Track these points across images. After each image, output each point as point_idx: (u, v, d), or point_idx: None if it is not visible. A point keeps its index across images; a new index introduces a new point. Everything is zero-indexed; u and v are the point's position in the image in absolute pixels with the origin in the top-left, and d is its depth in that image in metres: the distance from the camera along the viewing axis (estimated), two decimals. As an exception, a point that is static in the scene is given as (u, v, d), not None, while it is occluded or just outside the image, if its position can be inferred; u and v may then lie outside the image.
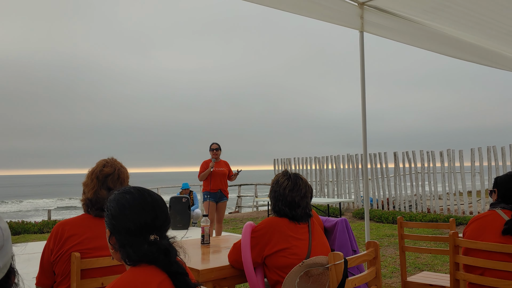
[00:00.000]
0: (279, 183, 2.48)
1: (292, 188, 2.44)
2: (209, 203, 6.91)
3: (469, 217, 10.04)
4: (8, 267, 0.94)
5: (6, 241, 0.92)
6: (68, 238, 2.10)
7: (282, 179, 2.49)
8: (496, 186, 2.75)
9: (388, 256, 6.65)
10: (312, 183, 14.21)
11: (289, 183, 2.46)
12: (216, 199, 6.96)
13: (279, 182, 2.49)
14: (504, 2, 3.85)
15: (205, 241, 3.20)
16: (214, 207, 6.96)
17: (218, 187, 6.95)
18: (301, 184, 2.48)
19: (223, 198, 7.04)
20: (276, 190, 2.47)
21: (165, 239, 1.38)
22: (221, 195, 7.00)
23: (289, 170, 2.59)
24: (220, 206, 7.02)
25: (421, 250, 3.51)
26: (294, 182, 2.46)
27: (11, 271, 0.96)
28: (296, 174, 2.52)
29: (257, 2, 3.38)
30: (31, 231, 9.90)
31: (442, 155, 11.31)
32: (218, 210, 7.00)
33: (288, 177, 2.49)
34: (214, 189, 6.93)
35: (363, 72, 4.46)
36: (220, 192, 6.98)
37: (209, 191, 6.94)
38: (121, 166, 2.28)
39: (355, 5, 4.15)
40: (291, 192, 2.43)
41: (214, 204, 6.96)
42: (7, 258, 0.92)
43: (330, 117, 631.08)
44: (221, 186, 6.98)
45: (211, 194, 6.94)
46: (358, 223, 10.33)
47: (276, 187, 2.48)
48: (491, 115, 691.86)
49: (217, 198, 6.97)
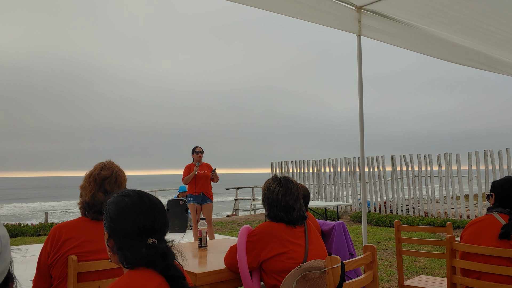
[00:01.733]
0: (271, 189, 2.48)
1: (284, 192, 2.44)
2: (193, 206, 7.00)
3: (466, 220, 10.05)
4: (6, 273, 0.94)
5: (4, 247, 0.92)
6: (65, 241, 2.09)
7: (273, 185, 2.48)
8: (493, 191, 2.76)
9: (385, 259, 6.65)
10: (310, 187, 14.22)
11: (280, 188, 2.45)
12: (199, 201, 7.01)
13: (271, 188, 2.48)
14: (499, 8, 3.88)
15: (203, 244, 3.20)
16: (198, 209, 7.03)
17: (200, 189, 7.02)
18: (293, 187, 2.48)
19: (206, 200, 7.07)
20: (269, 197, 2.47)
21: (163, 243, 1.38)
22: (204, 197, 7.04)
23: (278, 175, 2.59)
24: (205, 208, 7.05)
25: (418, 254, 3.51)
26: (285, 186, 2.46)
27: (9, 277, 0.96)
28: (286, 178, 2.52)
29: (257, 6, 3.39)
30: (28, 233, 9.86)
31: (440, 158, 11.33)
32: (204, 211, 7.04)
33: (279, 182, 2.49)
34: (196, 192, 7.01)
35: (361, 76, 4.47)
36: (202, 194, 7.02)
37: (192, 193, 7.02)
38: (119, 169, 2.28)
39: (352, 9, 4.17)
40: (284, 196, 2.42)
41: (198, 206, 7.02)
42: (5, 264, 0.92)
43: (328, 120, 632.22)
44: (204, 189, 7.03)
45: (193, 196, 7.02)
46: (355, 227, 10.33)
47: (268, 193, 2.48)
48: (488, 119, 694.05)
49: (200, 200, 7.01)
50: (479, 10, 3.93)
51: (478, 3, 3.81)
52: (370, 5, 4.10)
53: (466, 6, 3.87)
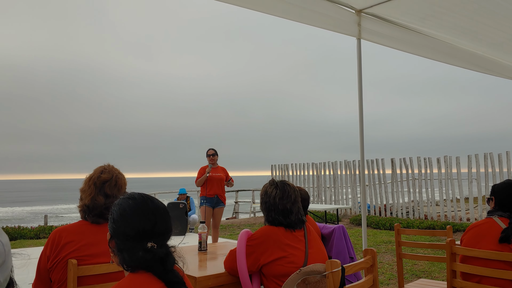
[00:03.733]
0: (268, 193, 2.47)
1: (281, 196, 2.43)
2: (205, 208, 6.90)
3: (466, 223, 10.04)
4: (8, 280, 0.94)
5: (7, 256, 0.93)
6: (65, 245, 2.09)
7: (270, 189, 2.48)
8: (493, 194, 2.76)
9: (386, 262, 6.64)
10: (310, 189, 14.21)
11: (278, 192, 2.45)
12: (212, 205, 6.95)
13: (268, 192, 2.47)
14: (499, 10, 3.88)
15: (203, 248, 3.20)
16: (210, 212, 6.94)
17: (215, 192, 6.95)
18: (290, 191, 2.47)
19: (219, 204, 7.02)
20: (266, 201, 2.46)
21: (164, 248, 1.37)
22: (218, 200, 6.98)
23: (275, 178, 2.58)
24: (216, 212, 7.00)
25: (418, 257, 3.51)
26: (282, 190, 2.45)
27: (10, 283, 0.96)
28: (283, 181, 2.52)
29: (259, 10, 3.39)
30: (28, 236, 9.85)
31: (440, 161, 11.33)
32: (214, 215, 6.99)
33: (276, 186, 2.48)
34: (210, 194, 6.93)
35: (360, 78, 4.48)
36: (217, 197, 6.96)
37: (206, 196, 6.94)
38: (119, 173, 2.29)
39: (352, 12, 4.18)
40: (281, 200, 2.42)
41: (210, 209, 6.94)
42: (7, 272, 0.93)
43: (328, 123, 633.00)
44: (218, 192, 6.97)
45: (207, 199, 6.93)
46: (355, 230, 10.32)
47: (266, 198, 2.47)
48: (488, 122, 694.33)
49: (214, 204, 6.96)
50: (478, 12, 3.94)
51: (477, 6, 3.82)
52: (370, 8, 4.11)
53: (465, 9, 3.88)
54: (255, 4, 3.36)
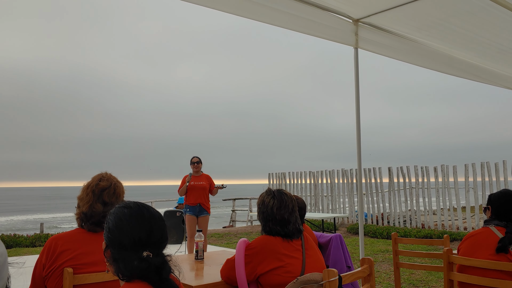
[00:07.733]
0: (265, 203, 2.46)
1: (279, 206, 2.42)
2: (189, 217, 6.86)
3: (463, 232, 10.04)
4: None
5: (3, 266, 0.92)
6: (61, 253, 2.08)
7: (267, 199, 2.47)
8: (490, 203, 2.77)
9: (383, 272, 6.62)
10: (307, 198, 14.19)
11: (275, 201, 2.43)
12: (195, 213, 6.88)
13: (265, 202, 2.46)
14: (495, 21, 3.92)
15: (199, 257, 3.18)
16: (194, 221, 6.87)
17: (197, 201, 6.87)
18: (287, 200, 2.46)
19: (203, 212, 6.92)
20: (264, 211, 2.45)
21: (160, 257, 1.37)
22: (201, 209, 6.90)
23: (272, 188, 2.57)
24: (201, 220, 6.92)
25: (416, 267, 3.50)
26: (280, 200, 2.44)
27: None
28: (280, 191, 2.51)
29: (256, 19, 3.42)
30: (23, 244, 9.79)
31: (436, 170, 11.35)
32: (200, 224, 6.92)
33: (273, 196, 2.47)
34: (193, 203, 6.87)
35: (358, 87, 4.50)
36: (199, 206, 6.87)
37: (188, 204, 6.90)
38: (117, 181, 2.28)
39: (349, 22, 4.21)
40: (279, 210, 2.41)
41: (194, 218, 6.87)
42: (3, 282, 0.93)
43: (325, 131, 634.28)
44: (200, 200, 6.88)
45: (190, 207, 6.88)
46: (352, 238, 10.30)
47: (263, 208, 2.46)
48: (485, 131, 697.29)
49: (197, 212, 6.89)
50: (474, 23, 3.98)
51: (473, 16, 3.85)
52: (367, 18, 4.14)
53: (461, 19, 3.92)
54: (254, 14, 3.39)
